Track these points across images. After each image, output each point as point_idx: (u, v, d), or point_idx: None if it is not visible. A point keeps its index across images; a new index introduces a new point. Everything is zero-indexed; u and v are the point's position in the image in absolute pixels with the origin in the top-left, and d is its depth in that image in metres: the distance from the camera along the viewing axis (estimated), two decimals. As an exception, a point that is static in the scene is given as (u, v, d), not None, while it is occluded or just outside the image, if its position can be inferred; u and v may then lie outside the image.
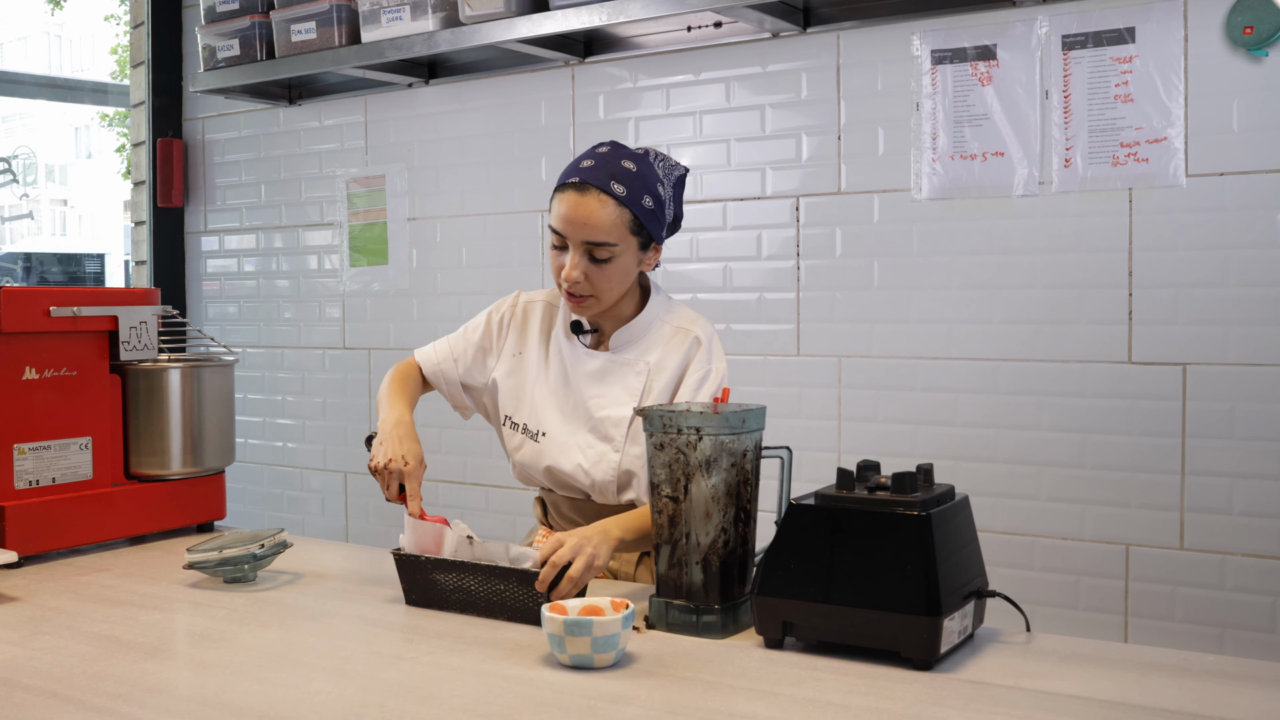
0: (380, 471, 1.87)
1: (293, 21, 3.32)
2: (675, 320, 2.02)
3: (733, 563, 1.62)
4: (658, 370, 1.98)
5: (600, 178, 1.88)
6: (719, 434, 1.59)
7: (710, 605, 1.61)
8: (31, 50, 17.39)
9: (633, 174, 1.90)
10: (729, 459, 1.60)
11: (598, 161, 1.91)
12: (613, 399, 1.97)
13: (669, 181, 1.96)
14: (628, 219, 1.89)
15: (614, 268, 1.91)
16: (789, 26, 2.77)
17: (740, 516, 1.62)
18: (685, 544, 1.62)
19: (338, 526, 3.76)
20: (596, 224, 1.88)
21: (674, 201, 1.99)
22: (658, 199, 1.92)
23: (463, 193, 3.42)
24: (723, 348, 2.02)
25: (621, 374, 1.98)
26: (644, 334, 2.01)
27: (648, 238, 1.93)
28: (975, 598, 1.55)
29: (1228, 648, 2.38)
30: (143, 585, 1.97)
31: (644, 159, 1.94)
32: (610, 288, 1.93)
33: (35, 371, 2.17)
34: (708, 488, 1.60)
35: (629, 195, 1.88)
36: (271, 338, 3.90)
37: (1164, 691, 1.37)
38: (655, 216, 1.92)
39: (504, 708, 1.34)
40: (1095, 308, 2.49)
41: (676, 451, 1.61)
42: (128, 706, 1.37)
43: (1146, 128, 2.41)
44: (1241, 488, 2.37)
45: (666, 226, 1.98)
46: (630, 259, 1.92)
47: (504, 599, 1.70)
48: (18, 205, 10.81)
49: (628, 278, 1.95)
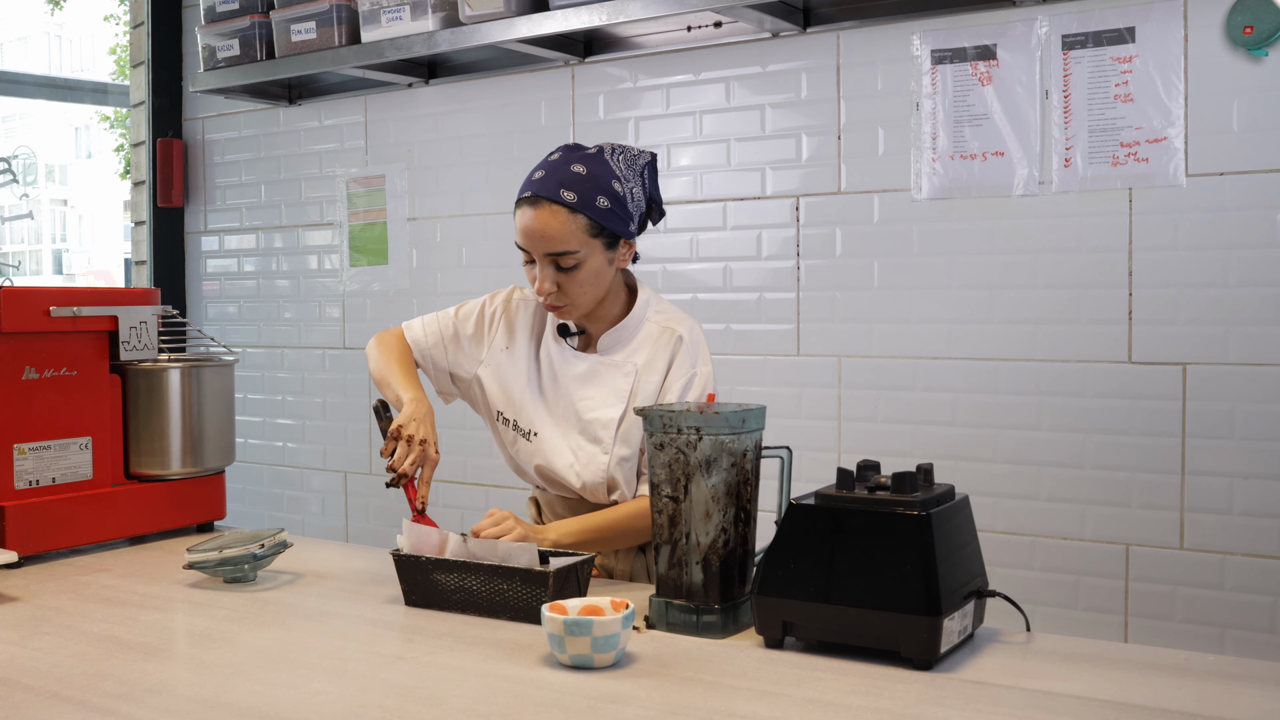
0: (408, 441, 1.86)
1: (292, 21, 3.32)
2: (660, 319, 2.01)
3: (733, 562, 1.62)
4: (646, 370, 1.98)
5: (549, 188, 1.88)
6: (719, 434, 1.59)
7: (710, 605, 1.61)
8: (31, 50, 17.39)
9: (582, 177, 1.88)
10: (729, 459, 1.60)
11: (547, 171, 1.91)
12: (600, 400, 1.97)
13: (631, 174, 1.93)
14: (583, 224, 1.88)
15: (583, 273, 1.90)
16: (789, 26, 2.77)
17: (740, 516, 1.62)
18: (685, 544, 1.61)
19: (338, 526, 3.76)
20: (553, 235, 1.87)
21: (646, 190, 1.96)
22: (614, 196, 1.89)
23: (463, 193, 3.42)
24: (708, 346, 2.02)
25: (609, 375, 1.98)
26: (632, 335, 2.00)
27: (612, 237, 1.92)
28: (975, 597, 1.55)
29: (1228, 648, 2.38)
30: (143, 585, 1.97)
31: (596, 158, 1.92)
32: (584, 292, 1.93)
33: (35, 371, 2.17)
34: (708, 488, 1.59)
35: (580, 200, 1.87)
36: (271, 338, 3.90)
37: (1164, 692, 1.37)
38: (615, 214, 1.90)
39: (504, 708, 1.34)
40: (1095, 308, 2.49)
41: (676, 451, 1.61)
42: (127, 706, 1.37)
43: (1146, 127, 2.41)
44: (1241, 488, 2.37)
45: (638, 218, 1.97)
46: (598, 260, 1.91)
47: (506, 598, 1.70)
48: (17, 205, 10.82)
49: (600, 279, 1.94)
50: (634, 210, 1.94)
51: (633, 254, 1.99)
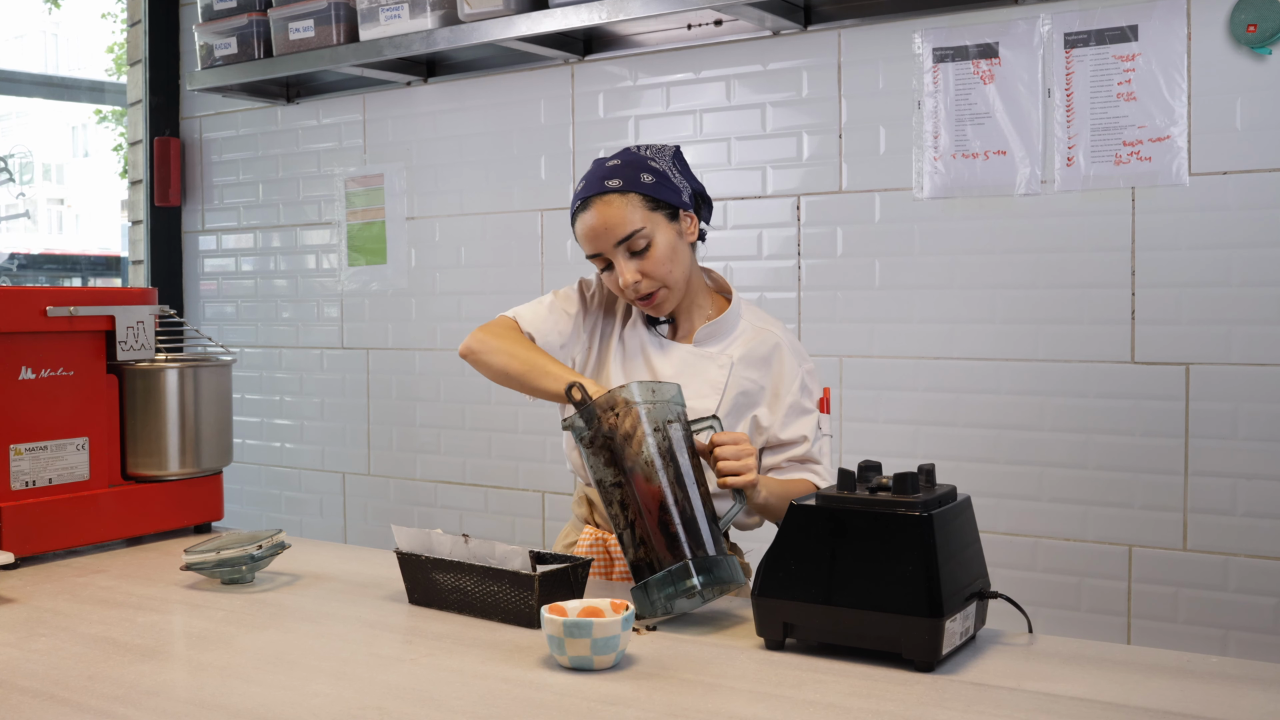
0: None
1: (291, 20, 3.31)
2: (754, 320, 2.03)
3: (692, 520, 1.65)
4: (741, 365, 1.97)
5: (594, 188, 1.92)
6: (633, 403, 1.67)
7: (683, 568, 1.62)
8: (28, 48, 17.38)
9: (619, 167, 1.93)
10: (651, 425, 1.67)
11: (588, 181, 1.95)
12: (694, 391, 1.95)
13: (662, 159, 1.97)
14: (637, 201, 1.90)
15: (658, 251, 1.91)
16: (790, 24, 2.77)
17: (684, 479, 1.67)
18: (641, 520, 1.65)
19: (336, 527, 3.75)
20: (614, 222, 1.89)
21: (682, 176, 1.98)
22: (656, 172, 1.93)
23: (462, 192, 3.41)
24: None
25: (703, 366, 1.98)
26: (730, 330, 2.01)
27: (670, 209, 1.93)
28: (977, 599, 1.54)
29: (1231, 649, 2.37)
30: (140, 586, 1.96)
31: (624, 153, 1.97)
32: (669, 270, 1.92)
33: (32, 371, 2.16)
34: (641, 460, 1.66)
35: (626, 183, 1.91)
36: (269, 337, 3.89)
37: (1167, 693, 1.36)
38: (663, 186, 1.92)
39: (503, 710, 1.33)
40: (1098, 307, 2.48)
41: (604, 440, 1.68)
42: (124, 708, 1.36)
43: (1149, 126, 2.40)
44: (1245, 488, 2.36)
45: (690, 197, 1.97)
46: (667, 234, 1.92)
47: (497, 599, 1.69)
48: (14, 204, 10.81)
49: (678, 254, 1.93)
50: (679, 186, 1.96)
51: (697, 229, 1.99)
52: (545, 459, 3.27)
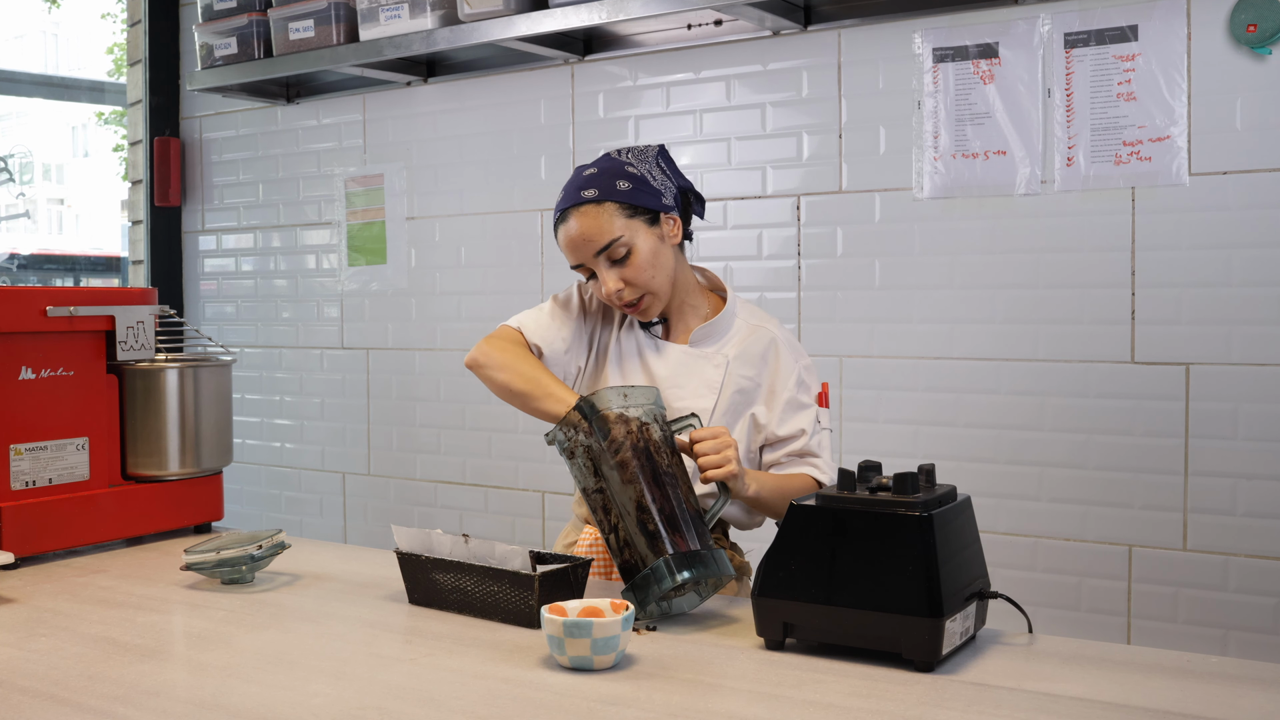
0: None
1: (291, 20, 3.31)
2: (749, 317, 2.03)
3: (673, 517, 1.65)
4: (738, 363, 1.97)
5: (571, 199, 1.93)
6: (605, 409, 1.69)
7: (662, 565, 1.62)
8: (28, 48, 17.38)
9: (595, 176, 1.93)
10: (623, 427, 1.69)
11: (565, 192, 1.96)
12: (691, 391, 1.96)
13: (642, 161, 1.96)
14: (612, 210, 1.89)
15: (639, 257, 1.90)
16: (790, 24, 2.76)
17: (661, 478, 1.67)
18: (623, 522, 1.66)
19: (336, 527, 3.75)
20: (591, 232, 1.89)
21: (665, 175, 1.97)
22: (632, 177, 1.92)
23: (462, 192, 3.41)
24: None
25: (699, 366, 1.98)
26: (725, 330, 2.01)
27: (649, 213, 1.92)
28: (977, 599, 1.54)
29: (1231, 649, 2.37)
30: (140, 586, 1.96)
31: (602, 160, 1.97)
32: (651, 276, 1.92)
33: (32, 371, 2.16)
34: (616, 462, 1.67)
35: (600, 192, 1.90)
36: (269, 337, 3.89)
37: (1167, 693, 1.36)
38: (639, 192, 1.91)
39: (503, 710, 1.33)
40: (1098, 307, 2.48)
41: (582, 448, 1.70)
42: (124, 709, 1.36)
43: (1149, 126, 2.40)
44: (1245, 488, 2.36)
45: (676, 196, 1.97)
46: (648, 240, 1.91)
47: (497, 599, 1.69)
48: (14, 204, 10.81)
49: (660, 259, 1.93)
50: (660, 188, 1.95)
51: (680, 230, 1.98)
52: (545, 459, 3.27)
